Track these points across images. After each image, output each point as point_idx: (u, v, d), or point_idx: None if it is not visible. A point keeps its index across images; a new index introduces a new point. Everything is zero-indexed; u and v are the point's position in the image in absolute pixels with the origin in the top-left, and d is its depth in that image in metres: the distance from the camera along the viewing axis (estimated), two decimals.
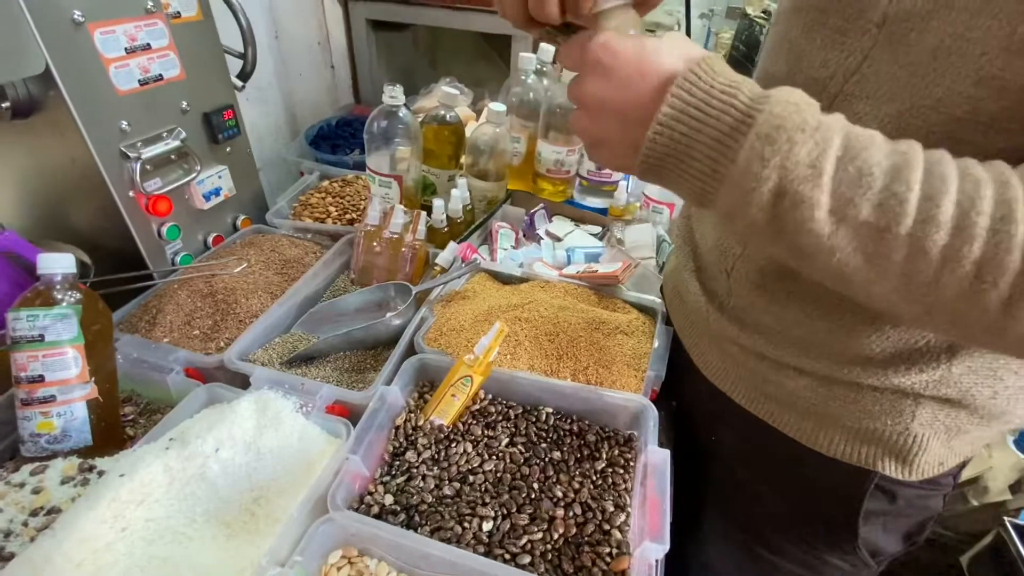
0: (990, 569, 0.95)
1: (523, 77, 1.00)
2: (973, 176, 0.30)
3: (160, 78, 0.74)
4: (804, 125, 0.31)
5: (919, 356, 0.43)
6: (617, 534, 0.51)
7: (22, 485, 0.53)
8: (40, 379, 0.55)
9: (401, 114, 0.84)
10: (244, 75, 0.92)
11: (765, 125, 0.32)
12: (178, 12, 0.74)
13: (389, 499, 0.54)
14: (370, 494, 0.54)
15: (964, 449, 0.50)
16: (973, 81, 0.34)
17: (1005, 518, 0.93)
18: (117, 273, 0.73)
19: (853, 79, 0.40)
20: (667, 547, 0.47)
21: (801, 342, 0.48)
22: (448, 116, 0.94)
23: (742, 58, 2.47)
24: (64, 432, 0.57)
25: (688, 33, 3.18)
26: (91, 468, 0.55)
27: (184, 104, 0.78)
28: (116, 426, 0.62)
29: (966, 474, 1.05)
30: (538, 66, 1.02)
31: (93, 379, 0.58)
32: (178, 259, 0.82)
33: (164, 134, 0.76)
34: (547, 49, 1.03)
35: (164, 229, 0.79)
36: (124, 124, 0.70)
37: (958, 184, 0.30)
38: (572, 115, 0.40)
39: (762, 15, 3.25)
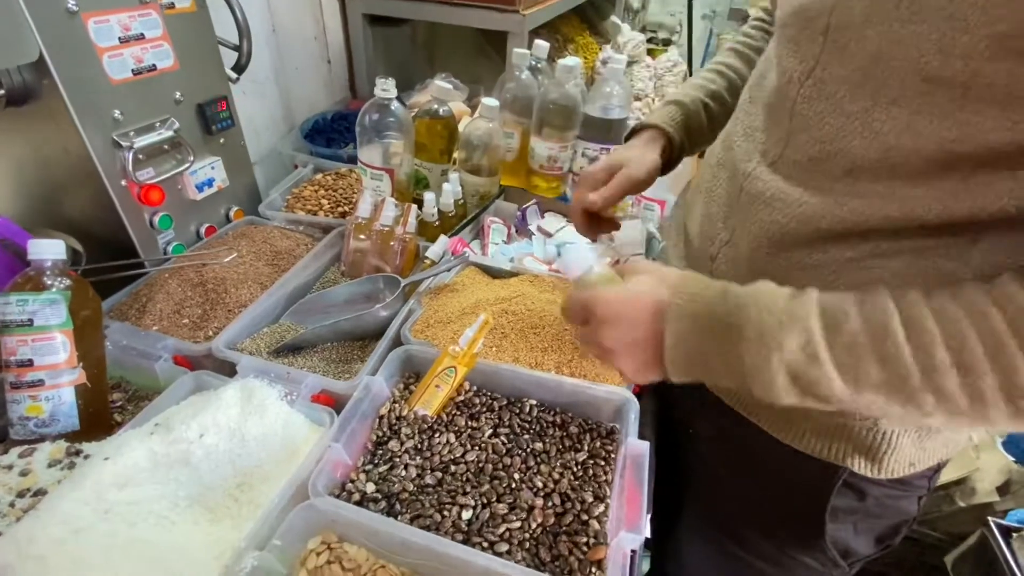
0: (974, 569, 0.95)
1: (517, 73, 1.01)
2: (950, 315, 0.34)
3: (154, 68, 0.74)
4: (782, 323, 0.37)
5: None
6: (595, 524, 0.52)
7: (10, 467, 0.54)
8: (29, 363, 0.56)
9: (393, 107, 0.84)
10: (239, 67, 0.92)
11: (751, 331, 0.38)
12: (172, 3, 0.75)
13: (371, 487, 0.54)
14: (352, 482, 0.55)
15: (938, 451, 0.51)
16: (920, 79, 0.35)
17: (990, 518, 0.93)
18: (108, 261, 0.73)
19: (808, 82, 0.43)
20: (643, 537, 0.48)
21: None
22: (441, 110, 0.95)
23: None
24: (52, 416, 0.57)
25: (690, 34, 3.18)
26: (78, 452, 0.56)
27: (178, 95, 0.79)
28: (104, 412, 0.62)
29: (953, 475, 1.06)
30: (533, 62, 1.02)
31: (81, 364, 0.59)
32: (170, 249, 0.83)
33: (157, 124, 0.76)
34: (542, 45, 1.03)
35: (156, 219, 0.79)
36: (117, 113, 0.71)
37: (939, 329, 0.34)
38: (594, 351, 0.48)
39: (765, 16, 3.23)
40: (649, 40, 2.33)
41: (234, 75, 0.91)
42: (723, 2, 3.75)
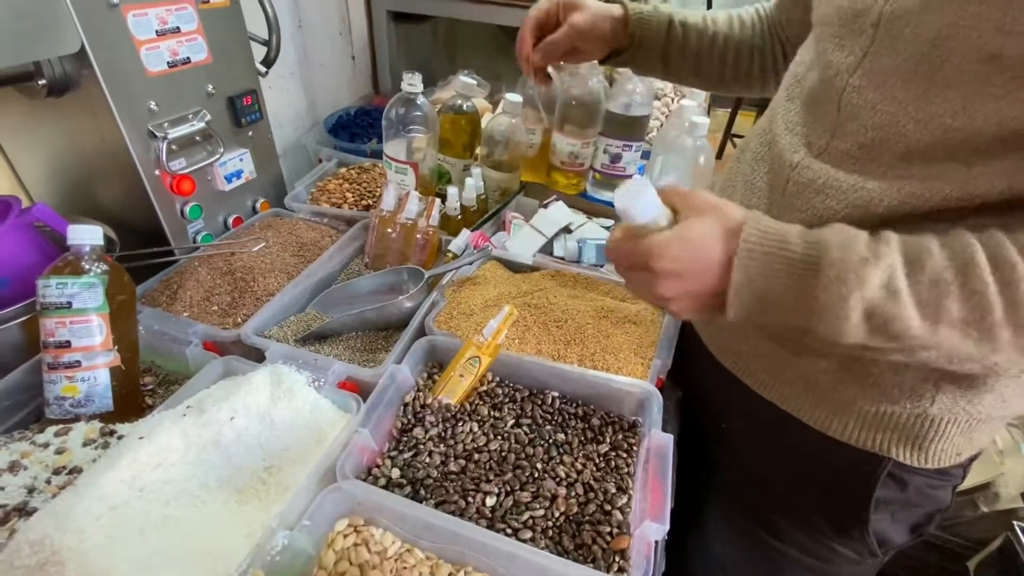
0: (998, 574, 0.93)
1: None
2: None
3: (188, 61, 0.76)
4: (865, 260, 0.37)
5: None
6: (618, 514, 0.52)
7: (46, 445, 0.55)
8: (67, 344, 0.58)
9: (419, 102, 0.85)
10: (268, 62, 0.94)
11: (832, 269, 0.37)
12: None
13: (396, 472, 0.55)
14: (377, 467, 0.56)
15: (981, 439, 0.51)
16: (977, 59, 0.36)
17: (1015, 523, 0.92)
18: (141, 249, 0.75)
19: (857, 74, 0.44)
20: (666, 527, 0.48)
21: None
22: (465, 106, 0.95)
23: None
24: (87, 396, 0.59)
25: None
26: (111, 432, 0.58)
27: (210, 87, 0.80)
28: (136, 394, 0.64)
29: (976, 480, 1.04)
30: None
31: (116, 347, 0.60)
32: (199, 238, 0.84)
33: (190, 116, 0.78)
34: None
35: (187, 208, 0.81)
36: (153, 104, 0.73)
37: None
38: (645, 297, 0.47)
39: None
40: None
41: (263, 69, 0.92)
42: (745, 3, 3.72)
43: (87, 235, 0.59)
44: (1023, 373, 0.44)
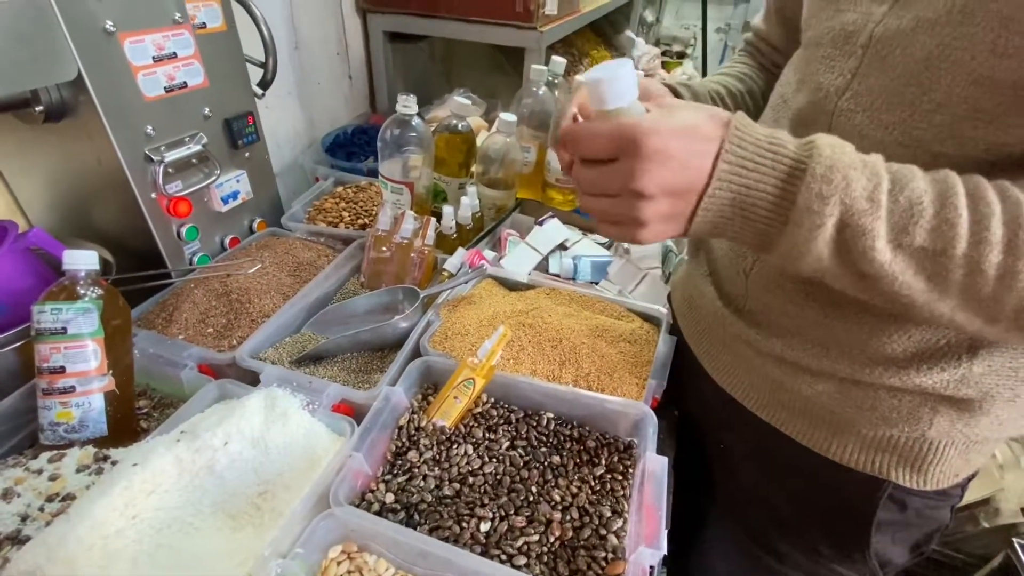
0: None
1: (534, 89, 1.02)
2: (1012, 198, 0.34)
3: (185, 85, 0.77)
4: (854, 164, 0.35)
5: (940, 355, 0.44)
6: (613, 539, 0.52)
7: (40, 472, 0.55)
8: (61, 370, 0.58)
9: (414, 123, 0.86)
10: (264, 83, 0.95)
11: (820, 167, 0.35)
12: (204, 23, 0.77)
13: (390, 497, 0.55)
14: (371, 492, 0.55)
15: (978, 460, 0.51)
16: (968, 82, 0.36)
17: (1015, 539, 0.91)
18: (137, 271, 0.75)
19: (845, 96, 0.44)
20: (662, 553, 0.48)
21: (820, 343, 0.49)
22: (460, 125, 0.96)
23: None
24: (81, 422, 0.59)
25: (704, 47, 3.20)
26: (105, 458, 0.58)
27: (206, 110, 0.81)
28: (131, 418, 0.64)
29: (976, 496, 1.04)
30: (550, 78, 1.04)
31: (111, 372, 0.60)
32: (195, 259, 0.85)
33: (187, 139, 0.79)
34: (559, 62, 1.04)
35: (183, 230, 0.81)
36: (149, 129, 0.73)
37: (1001, 206, 0.33)
38: (605, 202, 0.39)
39: None
40: (663, 53, 2.35)
41: (260, 91, 0.93)
42: (738, 15, 3.76)
43: (82, 260, 0.60)
44: (1017, 397, 0.45)
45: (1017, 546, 0.90)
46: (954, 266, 0.34)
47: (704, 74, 3.04)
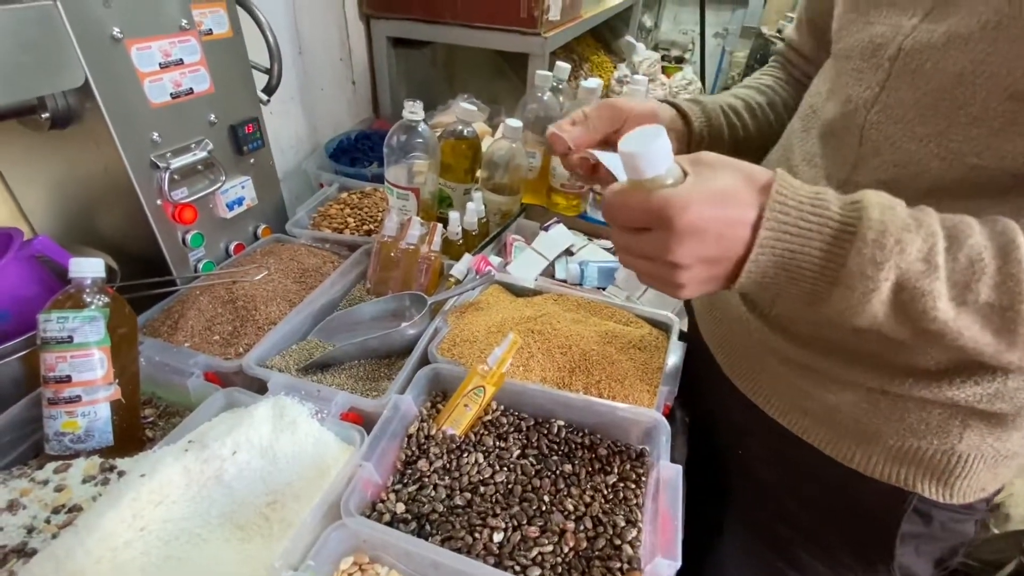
0: None
1: (539, 94, 1.02)
2: None
3: (191, 92, 0.76)
4: (907, 226, 0.34)
5: (974, 368, 0.43)
6: (628, 549, 0.51)
7: (45, 483, 0.54)
8: (67, 379, 0.57)
9: (420, 129, 0.86)
10: (269, 89, 0.95)
11: (871, 231, 0.34)
12: (210, 29, 0.77)
13: (401, 507, 0.54)
14: (382, 502, 0.55)
15: (1007, 474, 0.50)
16: (1005, 97, 0.35)
17: None
18: (142, 278, 0.75)
19: (875, 108, 0.44)
20: (678, 564, 0.47)
21: (848, 352, 0.48)
22: (465, 131, 0.96)
23: None
24: (87, 432, 0.58)
25: (703, 52, 3.21)
26: (111, 468, 0.57)
27: (212, 117, 0.81)
28: (137, 427, 0.63)
29: None
30: (554, 83, 1.04)
31: (117, 381, 0.60)
32: (200, 266, 0.84)
33: (192, 145, 0.79)
34: (563, 67, 1.04)
35: (188, 237, 0.81)
36: (155, 135, 0.73)
37: None
38: (643, 266, 0.39)
39: (777, 35, 3.27)
40: (662, 58, 2.36)
41: (265, 97, 0.93)
42: (735, 20, 3.79)
43: (88, 268, 0.59)
44: None
45: None
46: (1022, 319, 0.34)
47: (703, 78, 3.05)
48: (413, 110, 0.83)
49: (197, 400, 0.64)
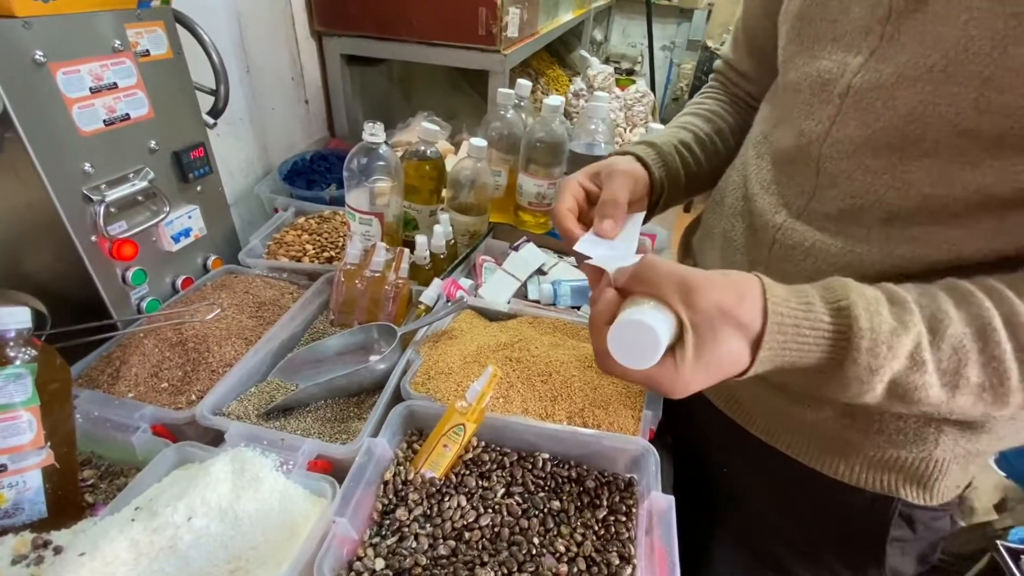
0: None
1: (502, 112, 1.01)
2: None
3: (127, 117, 0.70)
4: (895, 329, 0.36)
5: None
6: None
7: None
8: None
9: (381, 151, 0.82)
10: (216, 112, 0.89)
11: (864, 340, 0.35)
12: (147, 50, 0.71)
13: (380, 563, 0.50)
14: (359, 559, 0.50)
15: (974, 469, 0.53)
16: (954, 134, 0.37)
17: (998, 541, 0.94)
18: (77, 323, 0.67)
19: (827, 142, 0.44)
20: None
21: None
22: (428, 152, 0.93)
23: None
24: (16, 505, 0.51)
25: (651, 64, 3.30)
26: (46, 544, 0.50)
27: (152, 143, 0.75)
28: (74, 494, 0.56)
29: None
30: (516, 101, 1.02)
31: (49, 444, 0.53)
32: (144, 305, 0.77)
33: (131, 175, 0.72)
34: (525, 85, 1.03)
35: (129, 274, 0.74)
36: (87, 166, 0.66)
37: None
38: (658, 376, 0.38)
39: (721, 47, 3.39)
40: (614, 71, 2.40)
41: (211, 120, 0.87)
42: (681, 33, 3.92)
43: (12, 319, 0.52)
44: (1016, 418, 0.46)
45: (1001, 548, 0.92)
46: (1014, 392, 0.36)
47: (653, 89, 3.13)
48: (374, 132, 0.79)
49: (144, 458, 0.58)
